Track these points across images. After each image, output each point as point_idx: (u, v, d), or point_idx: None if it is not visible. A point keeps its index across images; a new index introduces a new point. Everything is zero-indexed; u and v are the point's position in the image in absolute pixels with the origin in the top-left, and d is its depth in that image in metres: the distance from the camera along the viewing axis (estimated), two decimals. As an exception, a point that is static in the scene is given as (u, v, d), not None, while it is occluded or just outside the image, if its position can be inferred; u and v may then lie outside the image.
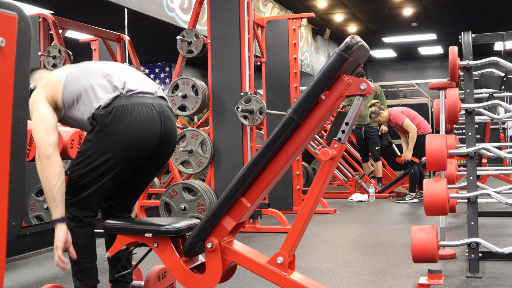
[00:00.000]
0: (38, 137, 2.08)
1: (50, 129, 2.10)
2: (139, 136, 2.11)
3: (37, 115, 2.10)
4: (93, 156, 2.10)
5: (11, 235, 0.98)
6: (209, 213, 1.92)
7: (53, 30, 5.03)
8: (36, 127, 2.09)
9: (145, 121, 2.12)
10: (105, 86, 2.13)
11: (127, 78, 2.19)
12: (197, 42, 4.72)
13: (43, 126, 2.09)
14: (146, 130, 2.12)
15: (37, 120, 2.09)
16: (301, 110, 1.78)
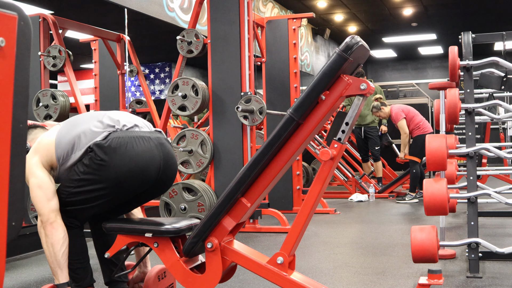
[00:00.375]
0: (40, 204, 2.09)
1: (51, 195, 2.11)
2: (135, 168, 2.09)
3: (35, 181, 2.11)
4: (86, 181, 2.10)
5: (11, 235, 0.98)
6: (209, 213, 1.92)
7: (53, 30, 5.03)
8: (36, 194, 2.10)
9: (143, 153, 2.11)
10: (99, 126, 2.14)
11: (121, 117, 2.19)
12: (197, 42, 4.72)
13: (43, 193, 2.10)
14: (145, 162, 2.11)
15: (35, 187, 2.10)
16: (301, 110, 1.78)
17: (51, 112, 4.90)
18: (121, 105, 5.99)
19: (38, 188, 2.10)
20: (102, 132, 2.12)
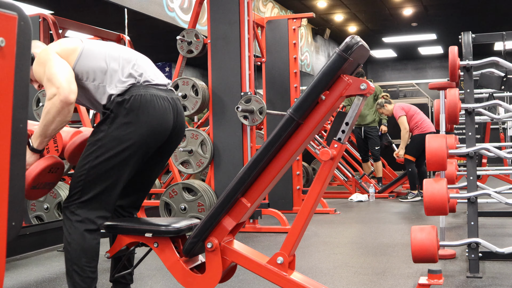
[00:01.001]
0: (60, 80, 1.98)
1: (72, 78, 2.02)
2: (156, 126, 2.09)
3: (56, 63, 2.02)
4: (109, 145, 2.03)
5: (11, 235, 0.98)
6: (209, 213, 1.92)
7: (53, 30, 5.03)
8: (56, 72, 1.99)
9: (161, 113, 2.11)
10: (122, 72, 2.09)
11: (144, 67, 2.16)
12: (197, 42, 4.72)
13: (65, 72, 2.01)
14: (162, 121, 2.12)
15: (56, 65, 2.01)
16: (301, 110, 1.78)
17: (51, 112, 4.89)
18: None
19: (60, 67, 2.02)
20: (122, 82, 2.07)
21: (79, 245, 2.01)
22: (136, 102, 2.04)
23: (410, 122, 6.61)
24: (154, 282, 2.99)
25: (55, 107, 1.95)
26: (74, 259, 2.00)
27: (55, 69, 2.01)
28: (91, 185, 2.05)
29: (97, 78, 2.09)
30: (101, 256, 2.28)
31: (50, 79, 1.99)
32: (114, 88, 2.06)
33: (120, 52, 2.17)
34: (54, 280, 3.11)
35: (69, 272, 2.02)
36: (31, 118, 4.79)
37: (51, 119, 1.97)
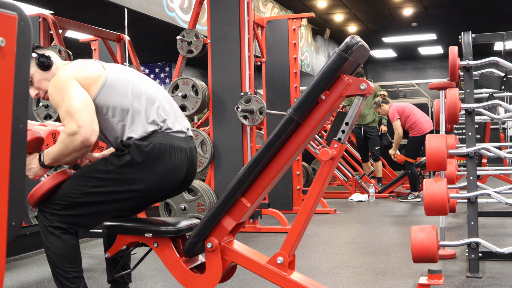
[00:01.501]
0: (83, 118, 1.90)
1: (94, 116, 1.94)
2: (167, 179, 2.04)
3: (78, 95, 1.93)
4: (114, 181, 1.98)
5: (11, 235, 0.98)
6: (209, 213, 1.92)
7: (53, 30, 5.03)
8: (78, 107, 1.90)
9: (176, 166, 2.04)
10: (145, 115, 2.02)
11: (167, 110, 2.09)
12: (197, 42, 4.72)
13: (88, 109, 1.93)
14: (175, 174, 2.06)
15: (78, 99, 1.92)
16: (301, 110, 1.78)
17: (51, 112, 4.90)
18: (121, 105, 5.98)
19: (83, 104, 1.91)
20: (144, 127, 2.00)
21: (58, 249, 1.95)
22: (154, 151, 1.98)
23: (406, 123, 6.65)
24: (154, 282, 2.99)
25: (73, 145, 1.90)
26: (56, 262, 1.96)
27: (77, 103, 1.92)
28: (77, 205, 1.99)
29: (117, 115, 2.01)
30: (101, 256, 2.29)
31: (71, 114, 1.91)
32: (135, 131, 2.00)
33: (144, 88, 2.08)
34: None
35: (54, 275, 1.98)
36: (31, 118, 4.79)
37: (67, 153, 1.92)
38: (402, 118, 6.66)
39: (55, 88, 1.98)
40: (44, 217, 1.98)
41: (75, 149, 1.90)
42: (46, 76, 2.12)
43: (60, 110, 1.95)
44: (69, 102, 1.92)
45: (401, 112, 6.67)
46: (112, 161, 1.99)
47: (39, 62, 2.10)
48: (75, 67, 2.03)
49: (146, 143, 1.98)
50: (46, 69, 2.11)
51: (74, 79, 1.97)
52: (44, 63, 2.10)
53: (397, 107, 6.76)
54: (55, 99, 1.98)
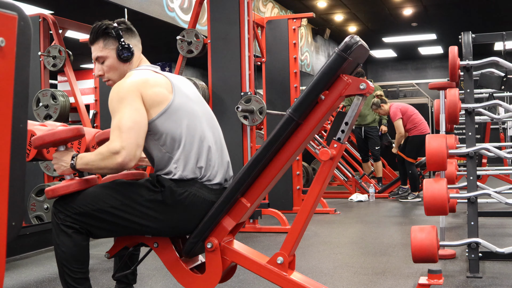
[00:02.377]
0: (130, 141, 1.84)
1: (141, 141, 1.88)
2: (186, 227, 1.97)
3: (135, 115, 1.86)
4: (134, 212, 1.92)
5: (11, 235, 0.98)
6: (209, 213, 1.92)
7: (53, 30, 5.03)
8: (131, 128, 1.84)
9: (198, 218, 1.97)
10: (195, 159, 1.95)
11: (215, 158, 2.03)
12: (197, 42, 4.72)
13: (139, 134, 1.87)
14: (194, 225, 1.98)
15: (134, 119, 1.86)
16: (300, 110, 1.78)
17: (51, 112, 4.90)
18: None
19: (135, 124, 1.85)
20: (186, 171, 1.93)
21: (67, 248, 1.93)
22: (186, 201, 1.92)
23: (408, 123, 6.63)
24: (154, 282, 2.99)
25: (110, 163, 1.85)
26: (64, 261, 1.94)
27: (131, 123, 1.85)
28: (91, 216, 1.95)
29: (167, 145, 1.94)
30: (101, 256, 2.28)
31: (122, 130, 1.84)
32: (178, 170, 1.93)
33: (201, 126, 2.01)
34: (54, 280, 3.11)
35: (61, 273, 1.96)
36: (31, 118, 4.79)
37: (101, 167, 1.88)
38: (405, 117, 6.64)
39: (116, 94, 1.91)
40: (58, 215, 1.95)
41: (110, 167, 1.86)
42: (118, 66, 2.06)
43: (112, 119, 1.89)
44: (123, 118, 1.86)
45: (404, 111, 6.66)
46: (142, 193, 1.93)
47: (119, 52, 2.03)
48: (146, 79, 1.95)
49: (181, 190, 1.91)
50: (123, 61, 2.05)
51: (139, 93, 1.90)
52: (123, 56, 2.04)
53: (400, 106, 6.74)
54: (112, 105, 1.91)
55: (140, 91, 1.90)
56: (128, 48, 2.04)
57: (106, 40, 2.04)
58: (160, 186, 1.93)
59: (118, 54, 2.03)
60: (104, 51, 2.05)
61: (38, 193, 4.21)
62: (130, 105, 1.87)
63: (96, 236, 2.02)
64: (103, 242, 3.94)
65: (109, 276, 3.04)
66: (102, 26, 2.05)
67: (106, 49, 2.05)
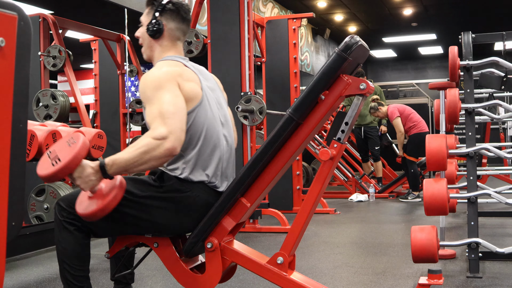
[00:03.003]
0: (177, 125, 1.76)
1: (184, 126, 1.81)
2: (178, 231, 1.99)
3: (179, 101, 1.81)
4: (136, 206, 1.90)
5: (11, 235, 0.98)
6: (209, 213, 1.92)
7: (53, 30, 5.03)
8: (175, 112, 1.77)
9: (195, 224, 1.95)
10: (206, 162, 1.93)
11: (224, 166, 2.00)
12: (197, 42, 4.72)
13: (183, 118, 1.81)
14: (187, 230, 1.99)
15: (178, 104, 1.80)
16: (300, 110, 1.78)
17: (51, 112, 4.90)
18: (121, 105, 5.99)
19: (180, 108, 1.79)
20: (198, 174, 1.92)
21: (69, 245, 1.92)
22: (188, 200, 1.92)
23: (407, 122, 6.65)
24: (154, 282, 2.99)
25: (157, 152, 1.73)
26: (65, 258, 1.93)
27: (174, 108, 1.78)
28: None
29: (184, 143, 1.87)
30: (101, 256, 2.28)
31: (165, 117, 1.76)
32: (186, 170, 1.91)
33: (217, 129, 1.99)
34: (54, 280, 3.11)
35: (61, 270, 1.95)
36: (31, 118, 4.79)
37: (145, 160, 1.74)
38: (403, 117, 6.66)
39: (151, 83, 1.85)
40: (61, 212, 1.94)
41: (157, 157, 1.73)
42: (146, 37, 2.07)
43: (149, 108, 1.81)
44: (165, 104, 1.78)
45: (402, 111, 6.69)
46: (144, 188, 1.92)
47: (148, 25, 2.03)
48: (181, 72, 1.91)
49: (185, 189, 1.91)
50: (149, 35, 2.04)
51: (177, 83, 1.86)
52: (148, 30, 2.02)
53: (397, 106, 6.80)
54: (146, 94, 1.84)
55: (177, 81, 1.87)
56: (156, 26, 2.01)
57: (150, 9, 2.05)
58: (159, 182, 1.93)
59: (147, 26, 2.04)
60: (144, 17, 2.07)
61: (38, 193, 4.20)
62: (170, 92, 1.82)
63: (97, 234, 2.02)
64: (103, 242, 3.94)
65: (109, 276, 3.04)
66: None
67: (145, 16, 2.07)
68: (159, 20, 2.01)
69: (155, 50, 2.07)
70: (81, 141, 1.74)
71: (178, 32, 2.06)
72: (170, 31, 2.04)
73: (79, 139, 1.75)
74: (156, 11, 2.02)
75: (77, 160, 1.72)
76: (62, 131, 3.23)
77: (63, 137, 1.83)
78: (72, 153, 1.71)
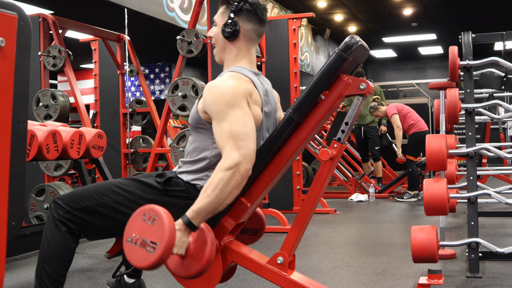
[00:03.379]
0: (250, 147, 1.71)
1: (255, 147, 1.75)
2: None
3: (249, 122, 1.74)
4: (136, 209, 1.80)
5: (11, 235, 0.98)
6: (209, 213, 1.92)
7: (53, 30, 5.03)
8: (249, 134, 1.72)
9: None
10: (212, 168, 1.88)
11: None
12: (197, 42, 4.72)
13: (253, 137, 1.74)
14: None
15: (250, 125, 1.74)
16: (300, 110, 1.78)
17: (51, 112, 4.90)
18: (121, 105, 6.00)
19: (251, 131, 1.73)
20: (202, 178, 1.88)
21: (56, 245, 1.88)
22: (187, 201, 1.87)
23: (405, 121, 6.69)
24: (154, 282, 2.99)
25: (235, 181, 1.67)
26: (47, 257, 1.88)
27: (246, 128, 1.72)
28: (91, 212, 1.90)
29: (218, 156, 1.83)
30: (101, 256, 2.28)
31: (237, 138, 1.70)
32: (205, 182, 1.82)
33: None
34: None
35: (38, 269, 1.90)
36: (31, 118, 4.79)
37: (227, 194, 1.68)
38: (401, 116, 6.70)
39: (222, 97, 1.77)
40: (57, 210, 1.90)
41: (236, 185, 1.68)
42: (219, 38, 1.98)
43: (219, 125, 1.74)
44: (236, 124, 1.71)
45: (400, 109, 6.73)
46: (147, 190, 1.90)
47: (223, 25, 1.93)
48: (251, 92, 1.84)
49: (192, 196, 1.86)
50: (223, 36, 1.95)
51: (247, 101, 1.79)
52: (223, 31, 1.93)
53: (396, 104, 6.85)
54: (216, 108, 1.76)
55: (247, 100, 1.80)
56: (232, 27, 1.91)
57: (226, 8, 1.95)
58: (165, 185, 1.90)
59: (222, 27, 1.94)
60: (218, 17, 1.97)
61: (38, 193, 4.20)
62: (242, 110, 1.75)
63: (92, 236, 1.98)
64: (103, 242, 3.94)
65: (109, 276, 3.04)
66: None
67: (220, 16, 1.97)
68: (235, 20, 1.91)
69: (229, 52, 1.99)
70: (162, 213, 1.63)
71: (254, 34, 1.97)
72: (246, 32, 1.95)
73: (157, 213, 1.64)
74: (232, 11, 1.91)
75: (173, 235, 1.62)
76: (62, 131, 3.23)
77: (135, 217, 1.68)
78: (166, 230, 1.60)
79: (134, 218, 1.66)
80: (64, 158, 3.32)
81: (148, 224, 1.61)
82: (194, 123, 1.89)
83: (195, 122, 1.89)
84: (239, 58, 1.97)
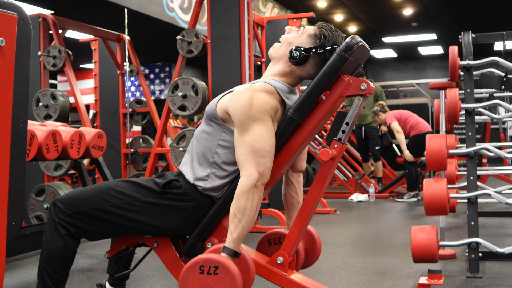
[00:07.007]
0: (268, 165, 1.75)
1: (272, 165, 1.78)
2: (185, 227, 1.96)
3: (270, 139, 1.76)
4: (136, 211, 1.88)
5: (11, 235, 0.98)
6: (209, 213, 1.92)
7: (53, 30, 5.03)
8: (269, 152, 1.75)
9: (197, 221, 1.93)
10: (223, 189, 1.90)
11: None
12: (197, 42, 4.72)
13: (272, 156, 1.76)
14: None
15: (272, 142, 1.76)
16: (301, 110, 1.78)
17: (51, 112, 4.90)
18: (121, 105, 5.99)
19: (271, 149, 1.75)
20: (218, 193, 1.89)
21: (57, 248, 1.89)
22: (190, 211, 1.90)
23: (405, 125, 6.72)
24: (154, 282, 2.98)
25: (258, 197, 1.72)
26: (48, 259, 1.90)
27: (267, 145, 1.75)
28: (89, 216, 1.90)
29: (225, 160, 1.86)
30: (101, 256, 2.28)
31: (258, 155, 1.73)
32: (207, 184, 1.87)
33: None
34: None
35: (40, 270, 1.93)
36: (31, 118, 4.79)
37: (255, 210, 1.73)
38: (401, 122, 6.72)
39: (248, 108, 1.75)
40: (57, 214, 1.90)
41: (259, 200, 1.74)
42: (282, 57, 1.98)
43: (241, 137, 1.76)
44: (259, 140, 1.74)
45: (398, 117, 6.75)
46: (145, 193, 1.90)
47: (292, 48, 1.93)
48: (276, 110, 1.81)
49: (191, 198, 1.89)
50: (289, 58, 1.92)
51: (271, 117, 1.78)
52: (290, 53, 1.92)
53: (393, 113, 6.87)
54: (241, 118, 1.75)
55: (271, 116, 1.78)
56: (300, 55, 1.89)
57: (315, 37, 1.91)
58: (164, 188, 1.89)
59: (292, 50, 1.92)
60: (302, 35, 1.98)
61: (38, 193, 4.20)
62: (266, 126, 1.75)
63: (92, 238, 1.99)
64: (103, 242, 3.94)
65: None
66: (323, 25, 1.91)
67: (304, 35, 1.96)
68: (308, 51, 1.89)
69: (282, 64, 1.98)
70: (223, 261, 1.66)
71: (317, 71, 1.86)
72: (308, 66, 1.92)
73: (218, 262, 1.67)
74: (315, 49, 1.87)
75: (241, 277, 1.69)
76: (62, 131, 3.23)
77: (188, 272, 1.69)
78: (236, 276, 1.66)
79: (187, 273, 1.69)
80: (64, 158, 3.32)
81: (211, 276, 1.66)
82: (209, 114, 1.89)
83: (211, 114, 1.89)
84: (284, 75, 1.95)
